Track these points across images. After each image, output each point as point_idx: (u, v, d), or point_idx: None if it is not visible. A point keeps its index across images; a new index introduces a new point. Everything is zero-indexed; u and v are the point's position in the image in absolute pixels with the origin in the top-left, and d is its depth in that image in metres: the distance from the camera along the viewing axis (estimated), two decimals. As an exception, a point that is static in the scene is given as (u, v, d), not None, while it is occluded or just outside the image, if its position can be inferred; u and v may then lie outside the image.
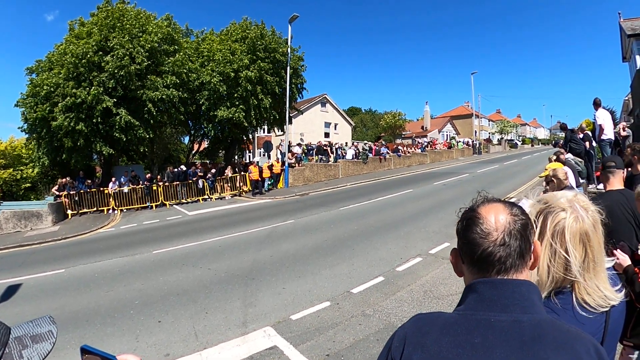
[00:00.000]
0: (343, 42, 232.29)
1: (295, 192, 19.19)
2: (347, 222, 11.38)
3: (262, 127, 28.12)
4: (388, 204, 14.09)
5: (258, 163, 22.95)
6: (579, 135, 11.27)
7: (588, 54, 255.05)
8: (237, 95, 20.41)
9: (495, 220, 0.92)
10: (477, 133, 55.13)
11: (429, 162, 34.06)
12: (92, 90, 16.31)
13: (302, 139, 32.80)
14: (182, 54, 19.68)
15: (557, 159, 7.26)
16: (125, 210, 17.39)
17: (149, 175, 19.32)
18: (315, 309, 5.37)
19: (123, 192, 17.67)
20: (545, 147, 61.39)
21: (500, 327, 0.84)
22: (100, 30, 17.56)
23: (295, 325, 4.92)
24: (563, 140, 12.39)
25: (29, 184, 21.70)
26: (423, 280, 6.26)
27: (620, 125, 11.84)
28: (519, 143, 67.99)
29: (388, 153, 30.16)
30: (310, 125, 38.19)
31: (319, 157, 25.47)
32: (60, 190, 16.92)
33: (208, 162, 28.01)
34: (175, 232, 11.93)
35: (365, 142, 38.32)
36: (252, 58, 20.93)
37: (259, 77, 20.86)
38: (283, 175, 21.61)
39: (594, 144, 11.17)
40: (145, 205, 17.91)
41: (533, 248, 0.96)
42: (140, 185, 18.19)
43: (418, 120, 66.31)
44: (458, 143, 44.98)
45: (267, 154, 23.36)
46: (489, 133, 67.92)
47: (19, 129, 18.75)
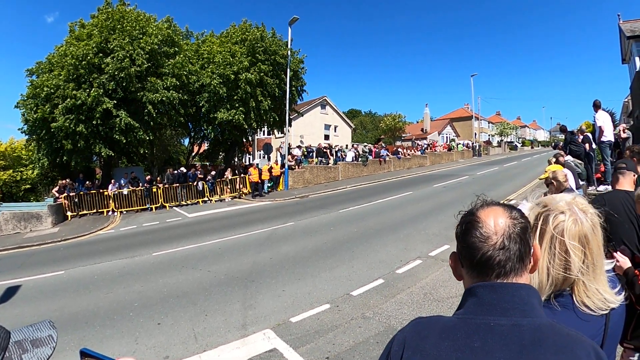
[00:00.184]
0: (343, 44, 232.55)
1: (295, 194, 19.19)
2: (346, 224, 11.38)
3: (262, 129, 28.14)
4: (388, 207, 14.09)
5: (258, 165, 22.94)
6: (579, 137, 11.28)
7: (587, 56, 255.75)
8: (237, 98, 20.43)
9: (495, 224, 0.91)
10: (476, 135, 55.20)
11: (429, 164, 34.07)
12: (92, 92, 16.33)
13: (302, 141, 32.81)
14: (182, 56, 19.72)
15: (556, 161, 7.27)
16: (125, 212, 17.38)
17: (149, 177, 19.32)
18: (315, 312, 5.36)
19: (123, 194, 17.67)
20: (545, 149, 61.42)
21: (500, 331, 0.83)
22: (101, 32, 17.59)
23: (295, 328, 4.92)
24: (563, 143, 12.40)
25: (29, 186, 21.69)
26: (423, 283, 6.26)
27: (620, 127, 11.85)
28: (519, 145, 68.08)
29: (388, 155, 30.17)
30: (310, 128, 38.21)
31: (319, 159, 25.47)
32: (61, 192, 16.91)
33: (208, 164, 27.96)
34: (175, 234, 11.92)
35: (365, 144, 38.28)
36: (252, 60, 20.97)
37: (259, 79, 20.88)
38: (283, 178, 21.61)
39: (594, 146, 11.18)
40: (145, 207, 17.91)
41: (533, 251, 0.96)
42: (140, 187, 18.19)
43: (418, 123, 66.40)
44: (458, 145, 45.00)
45: (267, 156, 23.36)
46: (489, 135, 68.01)
47: (19, 130, 18.79)
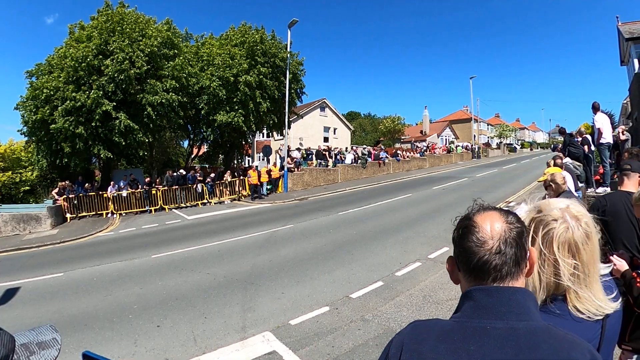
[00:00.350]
0: (342, 46, 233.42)
1: (295, 196, 19.20)
2: (346, 226, 11.39)
3: (261, 131, 28.13)
4: (387, 209, 14.10)
5: (257, 167, 22.96)
6: (578, 139, 11.32)
7: (586, 58, 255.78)
8: (236, 100, 20.44)
9: (491, 229, 0.93)
10: (476, 137, 55.30)
11: (428, 166, 34.09)
12: (91, 94, 16.32)
13: (301, 144, 32.87)
14: (181, 58, 19.71)
15: (555, 164, 7.28)
16: (124, 214, 17.37)
17: (148, 179, 19.32)
18: (315, 314, 5.37)
19: (122, 196, 17.66)
20: (544, 150, 61.61)
21: (496, 334, 0.84)
22: (100, 34, 17.59)
23: (295, 330, 4.92)
24: (562, 145, 12.43)
25: (28, 187, 21.59)
26: (422, 285, 6.27)
27: (619, 129, 11.90)
28: (518, 147, 68.22)
29: (387, 157, 30.19)
30: (310, 130, 38.24)
31: (318, 161, 25.49)
32: (60, 194, 16.90)
33: (207, 166, 27.97)
34: (174, 236, 11.91)
35: (364, 146, 38.36)
36: (251, 63, 20.98)
37: (258, 81, 20.90)
38: (282, 180, 21.62)
39: (593, 148, 11.21)
40: (144, 209, 17.90)
41: (529, 255, 0.97)
42: (139, 189, 18.19)
43: (417, 125, 66.49)
44: (457, 147, 45.05)
45: (266, 159, 23.37)
46: (488, 137, 68.13)
47: (18, 132, 18.74)
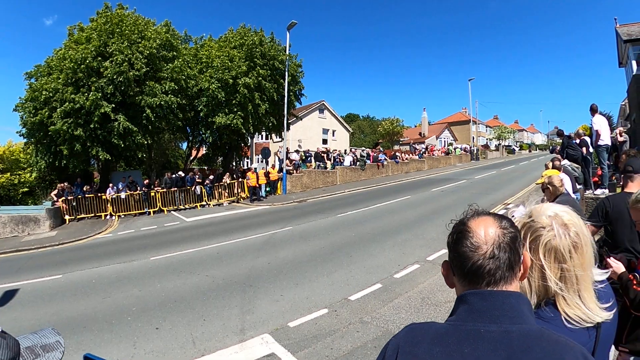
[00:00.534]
0: (341, 48, 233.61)
1: (293, 198, 19.21)
2: (344, 229, 11.40)
3: (260, 133, 28.13)
4: (386, 211, 14.12)
5: (256, 169, 22.95)
6: (576, 141, 11.34)
7: (585, 60, 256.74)
8: (235, 102, 20.45)
9: (485, 234, 0.95)
10: (474, 139, 55.32)
11: (427, 168, 34.15)
12: (90, 96, 16.32)
13: (300, 146, 32.87)
14: (180, 60, 19.73)
15: (553, 166, 7.31)
16: (123, 216, 17.35)
17: (147, 181, 19.29)
18: (313, 316, 5.38)
19: (120, 197, 17.65)
20: (543, 152, 61.73)
21: (490, 337, 0.86)
22: (99, 36, 17.60)
23: (293, 333, 4.93)
24: (560, 146, 12.46)
25: (27, 189, 21.55)
26: (421, 287, 6.28)
27: (617, 131, 11.94)
28: (517, 149, 68.42)
29: (386, 159, 30.22)
30: (308, 132, 38.26)
31: (317, 163, 25.51)
32: (59, 196, 16.89)
33: (206, 168, 27.95)
34: (173, 238, 11.91)
35: (363, 148, 38.36)
36: (250, 65, 21.00)
37: (257, 83, 20.93)
38: (281, 182, 21.64)
39: (591, 150, 11.23)
40: (143, 211, 17.89)
41: (522, 259, 0.98)
42: (138, 191, 18.18)
43: (416, 127, 66.54)
44: (456, 149, 45.10)
45: (265, 161, 23.39)
46: (487, 139, 68.26)
47: (17, 134, 18.77)
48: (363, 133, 65.37)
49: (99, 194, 17.59)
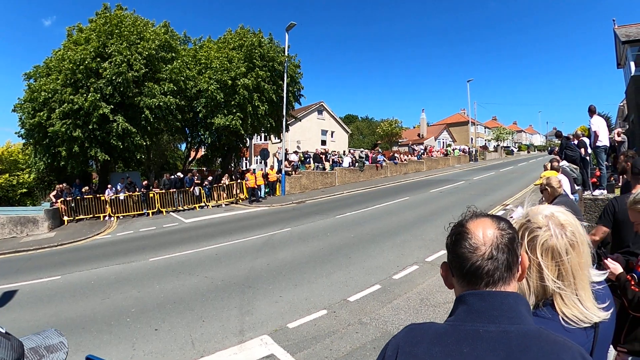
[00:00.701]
0: (340, 49, 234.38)
1: (292, 199, 19.21)
2: (343, 230, 11.41)
3: (259, 134, 28.16)
4: (384, 212, 14.13)
5: (254, 171, 22.95)
6: (575, 142, 11.37)
7: (583, 61, 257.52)
8: (234, 103, 20.46)
9: (483, 235, 0.96)
10: (473, 140, 55.44)
11: (426, 169, 34.20)
12: (89, 97, 16.31)
13: (298, 147, 32.88)
14: (179, 62, 19.73)
15: (551, 167, 7.33)
16: (122, 217, 17.31)
17: (146, 182, 19.25)
18: (312, 317, 5.38)
19: (119, 198, 17.61)
20: (542, 153, 61.88)
21: (489, 337, 0.87)
22: (98, 37, 17.59)
23: (292, 334, 4.93)
24: (558, 148, 12.49)
25: (25, 190, 21.52)
26: (420, 288, 6.29)
27: (615, 132, 11.98)
28: (515, 150, 68.55)
29: (384, 161, 30.27)
30: (307, 133, 38.29)
31: (316, 164, 25.54)
32: (58, 197, 16.86)
33: (205, 169, 27.94)
34: (172, 239, 11.90)
35: (362, 149, 38.42)
36: (249, 66, 21.01)
37: (256, 85, 20.94)
38: (280, 183, 21.64)
39: (589, 151, 11.26)
40: (142, 212, 17.86)
41: (520, 260, 1.00)
42: (137, 192, 18.16)
43: (414, 128, 66.69)
44: (454, 150, 45.19)
45: (264, 162, 23.41)
46: (485, 140, 68.45)
47: (16, 134, 18.77)
48: (362, 134, 65.39)
49: (98, 195, 17.55)
